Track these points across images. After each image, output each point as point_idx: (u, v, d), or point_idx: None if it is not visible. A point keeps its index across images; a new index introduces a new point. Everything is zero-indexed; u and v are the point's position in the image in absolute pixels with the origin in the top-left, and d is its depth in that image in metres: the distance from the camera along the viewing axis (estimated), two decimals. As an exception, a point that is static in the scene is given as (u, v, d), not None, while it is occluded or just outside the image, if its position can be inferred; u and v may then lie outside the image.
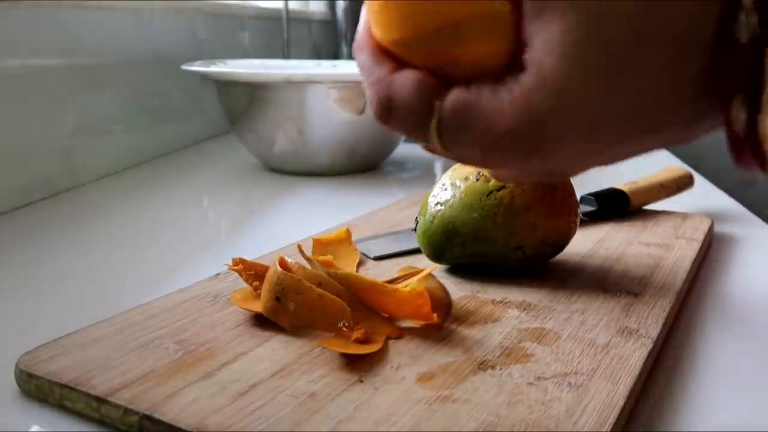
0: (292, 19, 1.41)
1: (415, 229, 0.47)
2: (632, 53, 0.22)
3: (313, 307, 0.36)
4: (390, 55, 0.26)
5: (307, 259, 0.41)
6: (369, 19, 0.27)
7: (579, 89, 0.22)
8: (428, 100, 0.25)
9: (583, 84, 0.22)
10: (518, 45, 0.24)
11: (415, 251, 0.50)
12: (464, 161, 0.28)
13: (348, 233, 0.50)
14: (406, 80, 0.25)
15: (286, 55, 1.38)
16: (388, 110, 0.26)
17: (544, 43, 0.22)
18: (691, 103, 0.23)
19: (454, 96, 0.25)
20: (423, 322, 0.37)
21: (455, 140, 0.25)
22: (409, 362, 0.34)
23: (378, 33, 0.27)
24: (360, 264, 0.48)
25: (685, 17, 0.22)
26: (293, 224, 0.65)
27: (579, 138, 0.24)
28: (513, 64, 0.24)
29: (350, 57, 1.59)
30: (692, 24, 0.22)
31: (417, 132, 0.26)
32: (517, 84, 0.23)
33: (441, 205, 0.45)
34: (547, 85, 0.23)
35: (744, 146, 0.22)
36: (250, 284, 0.40)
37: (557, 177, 0.25)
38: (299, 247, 0.42)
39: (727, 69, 0.22)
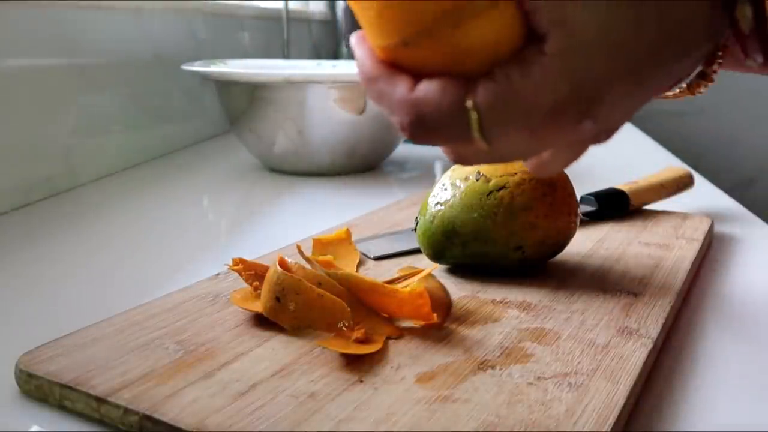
0: (292, 19, 1.41)
1: (415, 229, 0.47)
2: None
3: (313, 307, 0.36)
4: (403, 70, 0.25)
5: (307, 259, 0.41)
6: (370, 40, 0.26)
7: (608, 32, 0.22)
8: (459, 105, 0.24)
9: (611, 25, 0.22)
10: (524, 18, 0.23)
11: (415, 251, 0.50)
12: (512, 157, 0.26)
13: (348, 233, 0.50)
14: (430, 93, 0.24)
15: (286, 55, 1.38)
16: (424, 130, 0.25)
17: (559, 4, 0.22)
18: (711, 16, 0.23)
19: (484, 89, 0.24)
20: (423, 322, 0.37)
21: (501, 133, 0.24)
22: (409, 362, 0.34)
23: (381, 42, 0.26)
24: (360, 264, 0.48)
25: None
26: (293, 224, 0.65)
27: (621, 80, 0.23)
28: (526, 40, 0.24)
29: (350, 57, 1.59)
30: None
31: (459, 140, 0.25)
32: (544, 54, 0.23)
33: (441, 205, 0.45)
34: (578, 41, 0.22)
35: (750, 41, 0.22)
36: (250, 284, 0.40)
37: (606, 136, 0.25)
38: (299, 247, 0.42)
39: None
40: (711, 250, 0.56)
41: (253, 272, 0.40)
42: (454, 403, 0.30)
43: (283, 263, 0.38)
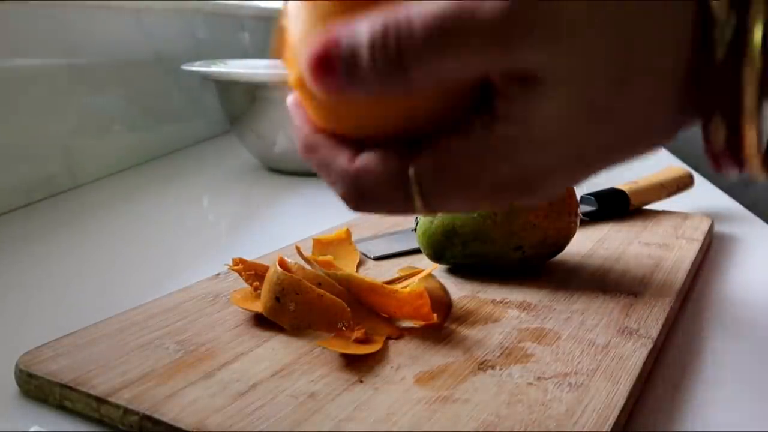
0: (292, 19, 1.40)
1: (415, 229, 0.47)
2: (615, 95, 0.21)
3: (314, 307, 0.36)
4: (344, 140, 0.24)
5: (306, 260, 0.41)
6: (308, 115, 0.26)
7: (565, 131, 0.22)
8: (399, 178, 0.23)
9: (567, 127, 0.22)
10: (478, 91, 0.22)
11: (415, 251, 0.50)
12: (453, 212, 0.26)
13: (348, 233, 0.50)
14: (370, 165, 0.23)
15: (286, 55, 1.38)
16: (364, 202, 0.24)
17: (520, 97, 0.21)
18: (672, 121, 0.23)
19: (427, 160, 0.23)
20: (423, 323, 0.37)
21: (443, 203, 0.24)
22: (409, 362, 0.34)
23: (324, 124, 0.25)
24: (360, 264, 0.48)
25: (661, 50, 0.21)
26: (293, 224, 0.65)
27: (566, 170, 0.23)
28: (477, 107, 0.23)
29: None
30: (669, 55, 0.21)
31: (400, 211, 0.24)
32: (493, 132, 0.22)
33: (441, 205, 0.45)
34: (532, 134, 0.22)
35: (722, 156, 0.22)
36: (250, 284, 0.40)
37: (548, 199, 0.25)
38: (297, 248, 0.42)
39: (705, 87, 0.21)
40: (711, 250, 0.56)
41: (253, 272, 0.40)
42: (454, 403, 0.30)
43: (282, 263, 0.38)
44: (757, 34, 0.20)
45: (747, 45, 0.20)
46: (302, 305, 0.36)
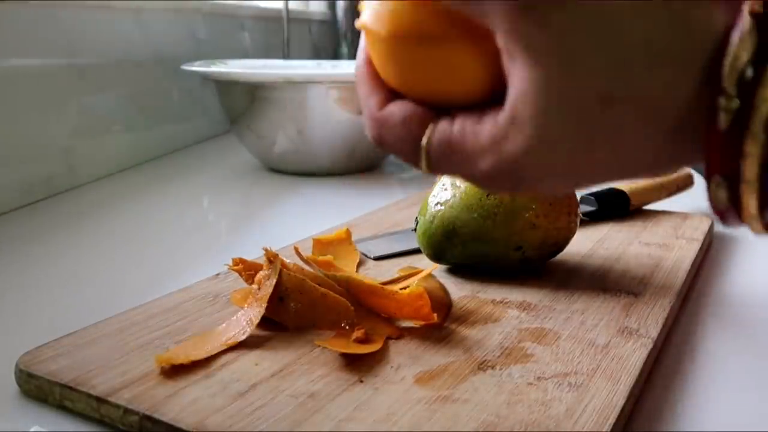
0: (292, 19, 1.41)
1: (415, 229, 0.47)
2: (602, 114, 0.21)
3: (317, 306, 0.36)
4: (382, 83, 0.27)
5: (305, 260, 0.41)
6: (367, 50, 0.27)
7: (551, 138, 0.22)
8: (415, 134, 0.25)
9: (556, 134, 0.22)
10: (500, 79, 0.23)
11: (415, 251, 0.50)
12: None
13: (348, 233, 0.50)
14: (392, 119, 0.26)
15: (286, 55, 1.38)
16: (381, 144, 0.27)
17: (518, 87, 0.22)
18: (666, 153, 0.23)
19: (440, 130, 0.25)
20: (423, 323, 0.37)
21: (442, 170, 0.26)
22: (409, 362, 0.34)
23: (374, 63, 0.27)
24: (360, 264, 0.48)
25: (658, 85, 0.21)
26: (293, 224, 0.65)
27: (555, 180, 0.24)
28: (497, 97, 0.24)
29: (350, 57, 1.59)
30: (666, 92, 0.21)
31: (409, 160, 0.27)
32: (495, 123, 0.23)
33: (441, 205, 0.45)
34: (520, 129, 0.22)
35: (726, 211, 0.22)
36: (250, 284, 0.40)
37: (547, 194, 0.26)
38: (296, 249, 0.42)
39: (706, 145, 0.21)
40: (711, 250, 0.56)
41: (253, 272, 0.40)
42: (454, 403, 0.30)
43: (283, 264, 0.38)
44: (764, 111, 0.19)
45: (752, 119, 0.19)
46: (305, 304, 0.36)
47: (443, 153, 0.25)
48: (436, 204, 0.45)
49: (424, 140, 0.25)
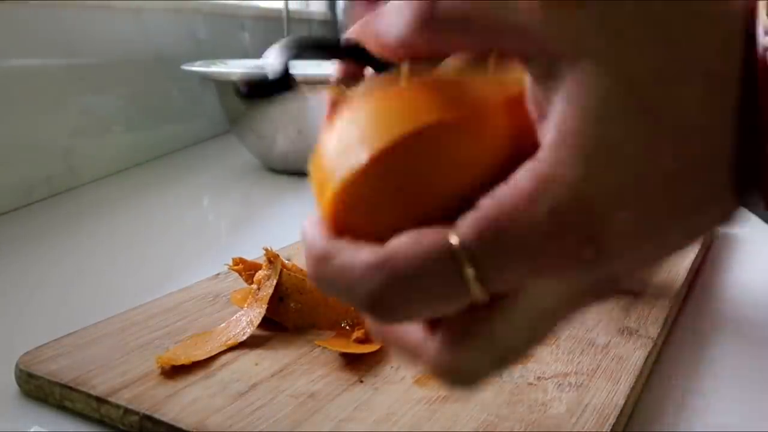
0: (292, 19, 1.41)
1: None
2: (665, 94, 0.18)
3: (318, 305, 0.36)
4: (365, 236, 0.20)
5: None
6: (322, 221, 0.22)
7: (620, 146, 0.18)
8: (440, 248, 0.18)
9: (624, 138, 0.18)
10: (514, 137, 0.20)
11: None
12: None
13: (348, 233, 0.49)
14: (402, 245, 0.19)
15: (286, 55, 1.38)
16: (398, 290, 0.19)
17: (565, 114, 0.18)
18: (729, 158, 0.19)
19: (468, 223, 0.18)
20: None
21: (502, 276, 0.18)
22: (409, 362, 0.34)
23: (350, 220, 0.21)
24: (360, 264, 0.48)
25: (710, 55, 0.18)
26: (293, 224, 0.64)
27: (629, 206, 0.18)
28: (513, 156, 0.19)
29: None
30: (722, 56, 0.18)
31: (450, 305, 0.19)
32: (534, 171, 0.18)
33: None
34: (579, 150, 0.18)
35: None
36: (250, 284, 0.40)
37: (608, 285, 0.19)
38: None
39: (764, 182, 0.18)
40: (711, 250, 0.56)
41: (252, 272, 0.40)
42: (454, 403, 0.30)
43: (283, 263, 0.38)
44: None
45: None
46: (306, 304, 0.36)
47: (491, 243, 0.18)
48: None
49: (455, 239, 0.18)
